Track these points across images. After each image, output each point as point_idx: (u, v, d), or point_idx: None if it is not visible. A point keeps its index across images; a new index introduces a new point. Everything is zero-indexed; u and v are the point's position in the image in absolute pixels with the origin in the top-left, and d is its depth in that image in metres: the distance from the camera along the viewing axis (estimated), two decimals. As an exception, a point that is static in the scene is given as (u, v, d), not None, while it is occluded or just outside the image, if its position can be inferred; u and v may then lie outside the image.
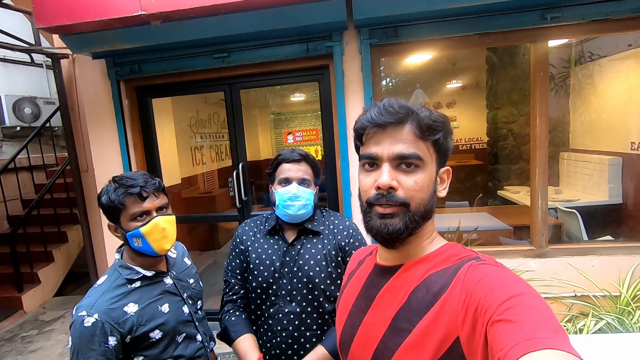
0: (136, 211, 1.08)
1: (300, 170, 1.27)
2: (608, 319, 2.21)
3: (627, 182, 3.55)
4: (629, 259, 2.40)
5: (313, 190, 1.29)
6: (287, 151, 1.29)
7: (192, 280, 1.32)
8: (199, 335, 1.24)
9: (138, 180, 1.09)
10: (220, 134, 6.12)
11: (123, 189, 1.07)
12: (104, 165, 2.86)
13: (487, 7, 2.21)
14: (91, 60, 2.74)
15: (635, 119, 3.47)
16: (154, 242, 1.10)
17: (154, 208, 1.11)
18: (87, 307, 1.03)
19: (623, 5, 2.18)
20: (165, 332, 1.12)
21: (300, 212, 1.26)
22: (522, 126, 4.62)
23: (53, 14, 2.21)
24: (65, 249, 4.27)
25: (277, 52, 2.54)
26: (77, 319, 1.02)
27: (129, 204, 1.07)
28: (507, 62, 4.64)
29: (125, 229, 1.09)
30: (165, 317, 1.13)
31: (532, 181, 2.52)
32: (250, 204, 2.96)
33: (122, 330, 1.04)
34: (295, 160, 1.27)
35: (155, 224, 1.09)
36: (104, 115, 2.83)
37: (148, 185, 1.09)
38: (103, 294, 1.07)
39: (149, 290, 1.14)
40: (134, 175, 1.11)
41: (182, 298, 1.22)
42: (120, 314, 1.05)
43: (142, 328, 1.08)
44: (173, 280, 1.22)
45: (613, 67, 3.72)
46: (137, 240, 1.09)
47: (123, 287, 1.10)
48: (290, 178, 1.26)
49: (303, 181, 1.26)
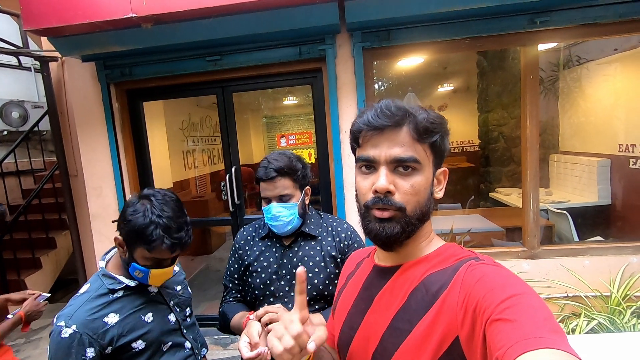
0: (157, 257, 1.04)
1: (277, 187, 1.22)
2: (600, 319, 2.23)
3: (615, 184, 3.61)
4: (618, 259, 2.43)
5: (296, 202, 1.24)
6: (262, 168, 1.23)
7: (180, 287, 1.29)
8: (187, 343, 1.22)
9: (173, 230, 1.01)
10: (212, 137, 6.08)
11: (162, 238, 0.99)
12: (93, 170, 2.82)
13: (477, 11, 2.24)
14: (81, 63, 2.70)
15: (622, 122, 3.54)
16: (153, 279, 1.09)
17: (172, 257, 1.09)
18: (66, 318, 1.01)
19: (610, 10, 2.23)
20: (149, 342, 1.10)
21: (286, 229, 1.25)
22: (512, 129, 4.68)
23: (41, 16, 2.17)
24: (54, 256, 4.18)
25: (270, 55, 2.54)
26: (56, 329, 0.99)
27: (157, 248, 1.01)
28: (497, 66, 4.70)
29: (134, 259, 1.05)
30: (148, 326, 1.10)
31: (524, 183, 2.54)
32: (244, 208, 2.93)
33: (101, 342, 1.01)
34: (271, 179, 1.21)
35: (165, 271, 1.09)
36: (94, 119, 2.79)
37: (183, 245, 1.05)
38: (83, 304, 1.04)
39: (131, 299, 1.11)
40: (179, 222, 1.04)
41: (169, 306, 1.19)
42: (99, 325, 1.02)
43: (124, 339, 1.05)
44: (158, 288, 1.18)
45: (600, 71, 3.79)
46: (139, 273, 1.06)
47: (105, 297, 1.07)
48: (268, 197, 1.24)
49: (282, 197, 1.23)
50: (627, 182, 3.48)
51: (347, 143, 2.54)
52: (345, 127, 2.55)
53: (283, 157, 1.23)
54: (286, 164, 1.21)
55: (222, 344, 2.77)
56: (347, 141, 2.54)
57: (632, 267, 2.41)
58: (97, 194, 2.83)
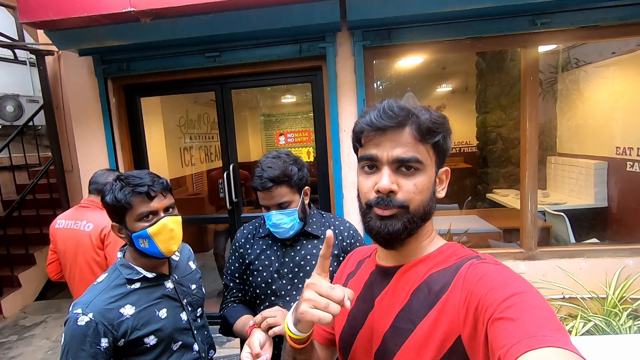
0: (143, 211, 1.03)
1: (275, 196, 1.19)
2: (596, 321, 2.24)
3: (612, 186, 3.63)
4: (615, 261, 2.45)
5: (296, 208, 1.23)
6: (257, 180, 1.19)
7: (194, 286, 1.27)
8: (195, 345, 1.20)
9: (145, 179, 1.04)
10: (209, 134, 6.05)
11: (130, 188, 1.02)
12: (89, 165, 2.79)
13: (478, 12, 2.23)
14: (77, 57, 2.67)
15: (619, 125, 3.55)
16: (161, 243, 1.06)
17: (162, 208, 1.06)
18: (83, 305, 1.00)
19: (610, 13, 2.24)
20: (161, 339, 1.08)
21: (289, 235, 1.24)
22: (510, 130, 4.69)
23: (38, 9, 2.14)
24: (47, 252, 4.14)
25: (269, 53, 2.52)
26: (72, 316, 0.98)
27: (136, 204, 1.03)
28: (495, 68, 4.71)
29: (131, 230, 1.04)
30: (162, 322, 1.09)
31: (522, 184, 2.55)
32: (241, 206, 2.92)
33: (115, 333, 1.00)
34: (267, 189, 1.18)
35: (163, 224, 1.05)
36: (90, 114, 2.75)
37: (156, 185, 1.05)
38: (101, 293, 1.03)
39: (148, 292, 1.10)
40: (140, 174, 1.06)
41: (182, 304, 1.17)
42: (115, 316, 1.01)
43: (137, 332, 1.04)
44: (174, 285, 1.17)
45: (598, 74, 3.81)
46: (144, 242, 1.05)
47: (122, 287, 1.06)
48: (266, 205, 1.22)
49: (281, 205, 1.21)
50: (624, 185, 3.50)
51: (346, 142, 2.53)
52: (345, 126, 2.54)
53: (277, 163, 1.20)
54: (281, 171, 1.18)
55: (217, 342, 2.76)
56: (346, 140, 2.53)
57: (629, 269, 2.42)
58: (93, 190, 2.80)
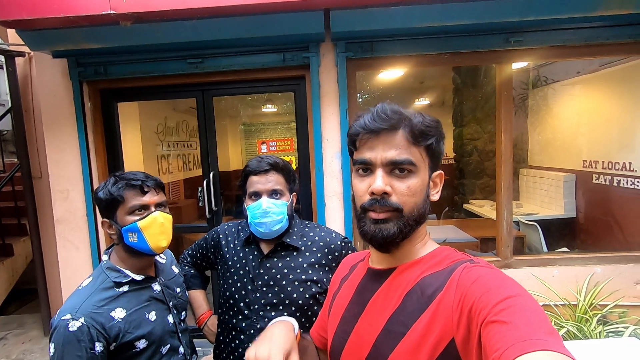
0: (135, 204, 1.05)
1: (270, 181, 1.17)
2: (568, 327, 2.31)
3: (579, 197, 3.82)
4: (584, 269, 2.55)
5: (287, 202, 1.19)
6: (255, 161, 1.19)
7: (179, 289, 1.26)
8: (181, 348, 1.18)
9: (138, 175, 1.08)
10: (188, 142, 5.93)
11: (124, 182, 1.05)
12: (60, 171, 2.66)
13: (457, 28, 2.33)
14: (51, 59, 2.56)
15: (586, 139, 3.77)
16: (151, 238, 1.05)
17: (154, 203, 1.08)
18: (72, 310, 0.95)
19: (576, 34, 2.39)
20: (151, 342, 1.06)
21: (274, 228, 1.18)
22: (486, 143, 4.87)
23: (11, 7, 2.05)
24: (10, 264, 3.86)
25: (253, 61, 2.51)
26: (61, 323, 0.93)
27: (129, 197, 1.05)
28: (469, 84, 4.90)
29: (121, 224, 1.05)
30: (152, 325, 1.07)
31: (498, 195, 2.63)
32: (221, 215, 2.85)
33: (108, 337, 0.97)
34: (264, 171, 1.16)
35: (154, 218, 1.06)
36: (63, 119, 2.63)
37: (149, 180, 1.08)
38: (89, 297, 1.00)
39: (136, 295, 1.08)
40: (134, 172, 1.11)
41: (168, 306, 1.16)
42: (106, 319, 0.98)
43: (129, 336, 1.01)
44: (161, 287, 1.16)
45: (565, 91, 4.04)
46: (133, 236, 1.04)
47: (110, 291, 1.04)
48: (259, 191, 1.17)
49: (274, 192, 1.17)
50: (591, 196, 3.69)
51: (328, 151, 2.54)
52: (327, 136, 2.55)
53: (274, 157, 1.23)
54: (280, 161, 1.21)
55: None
56: (329, 149, 2.54)
57: (597, 277, 2.53)
58: (64, 197, 2.66)
